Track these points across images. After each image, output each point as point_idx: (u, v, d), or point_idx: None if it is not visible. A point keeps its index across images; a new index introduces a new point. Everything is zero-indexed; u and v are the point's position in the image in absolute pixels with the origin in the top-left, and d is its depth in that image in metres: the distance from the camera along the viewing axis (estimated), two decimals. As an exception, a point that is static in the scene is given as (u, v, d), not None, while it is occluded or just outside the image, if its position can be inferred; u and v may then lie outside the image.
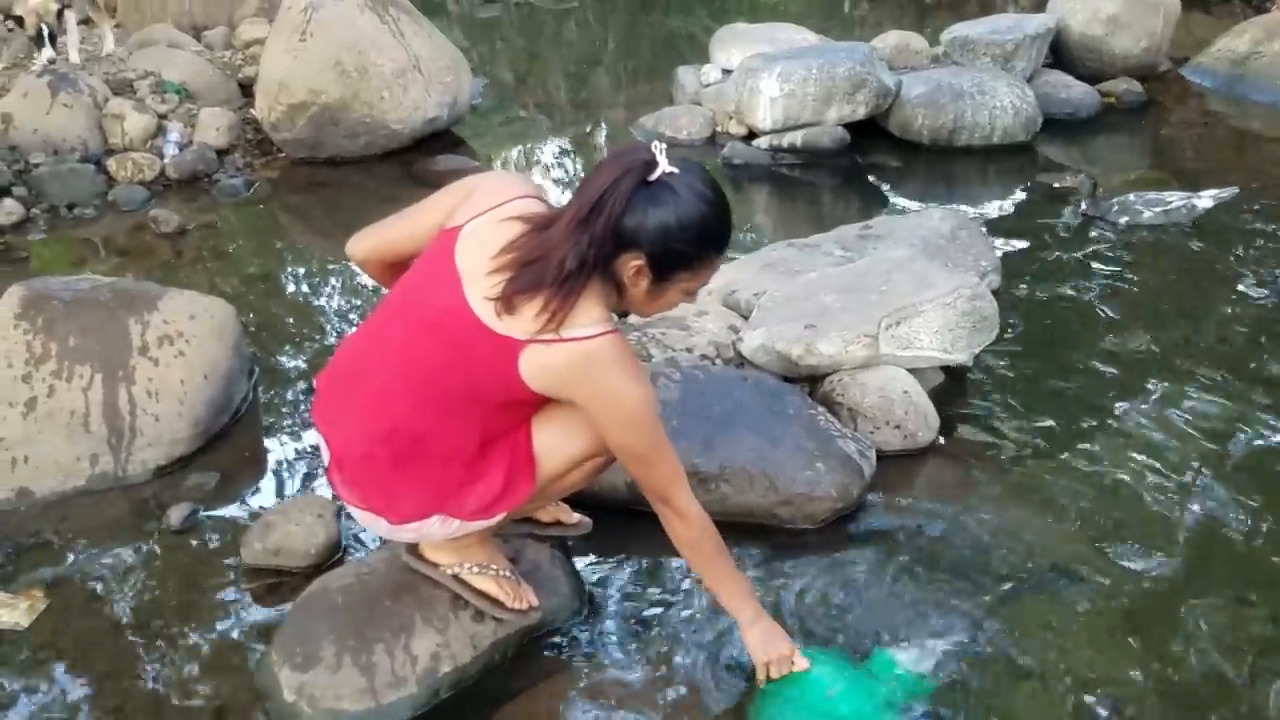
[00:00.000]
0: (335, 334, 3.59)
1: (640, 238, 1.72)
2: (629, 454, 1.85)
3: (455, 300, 1.78)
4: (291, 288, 3.98)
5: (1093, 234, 4.22)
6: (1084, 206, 4.34)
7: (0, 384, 2.72)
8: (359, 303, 3.83)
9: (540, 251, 1.73)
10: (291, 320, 3.70)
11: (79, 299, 2.87)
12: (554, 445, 1.91)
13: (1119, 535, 2.49)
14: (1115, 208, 4.29)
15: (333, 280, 4.03)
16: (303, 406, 3.11)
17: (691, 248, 1.75)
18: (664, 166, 1.72)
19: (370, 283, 3.84)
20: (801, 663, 1.98)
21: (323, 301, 3.88)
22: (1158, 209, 4.26)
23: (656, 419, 1.83)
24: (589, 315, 1.74)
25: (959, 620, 2.23)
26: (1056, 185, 4.57)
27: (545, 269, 1.72)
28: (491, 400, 1.83)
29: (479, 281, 1.76)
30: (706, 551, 1.95)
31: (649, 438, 1.82)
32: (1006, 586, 2.33)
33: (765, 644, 1.98)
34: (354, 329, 3.42)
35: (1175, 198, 4.32)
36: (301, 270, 4.14)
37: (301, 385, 3.23)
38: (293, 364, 3.38)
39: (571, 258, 1.70)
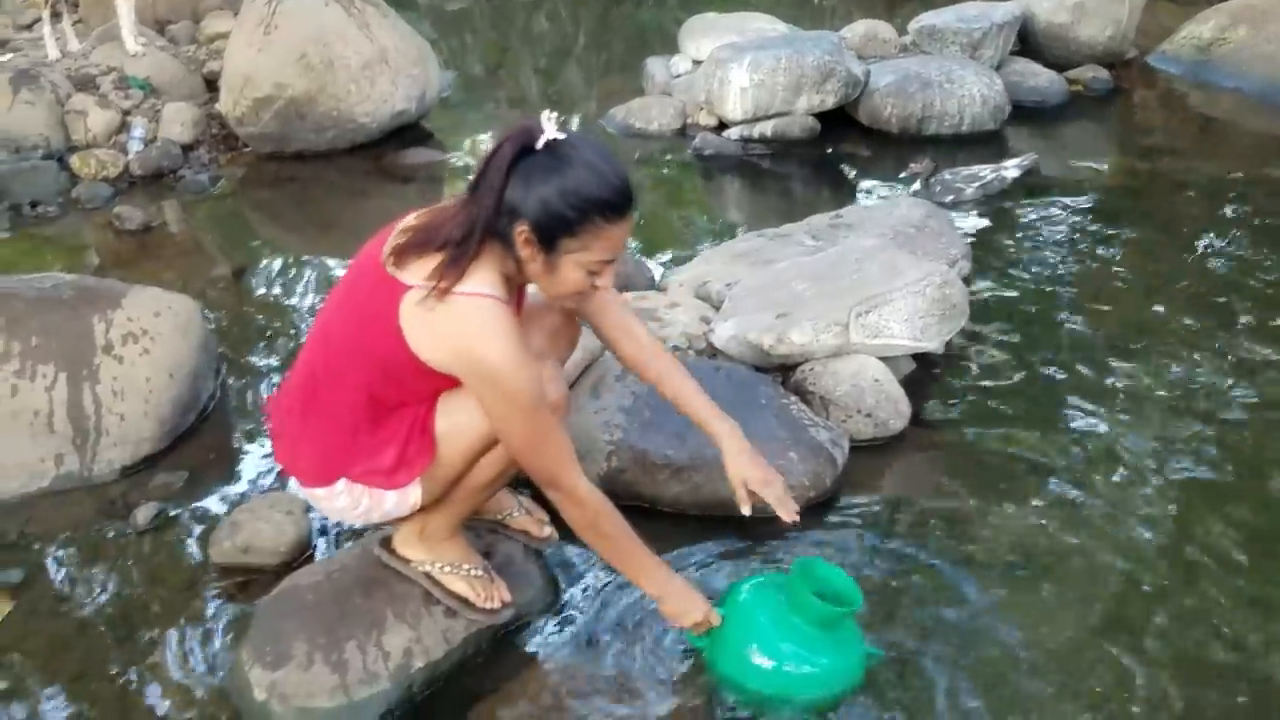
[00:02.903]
0: (303, 330, 3.56)
1: (524, 205, 1.69)
2: (512, 435, 1.80)
3: (374, 254, 1.82)
4: (259, 284, 3.94)
5: (1046, 217, 4.26)
6: (915, 187, 4.41)
7: (-39, 385, 2.68)
8: (326, 297, 3.79)
9: (439, 220, 1.77)
10: (259, 317, 3.66)
11: (42, 297, 2.83)
12: (457, 422, 1.87)
13: (1089, 521, 2.50)
14: (939, 188, 4.38)
15: (301, 276, 3.99)
16: (272, 403, 3.07)
17: (572, 212, 1.69)
18: (549, 133, 1.69)
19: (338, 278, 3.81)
20: (715, 620, 1.98)
21: (291, 298, 3.84)
22: (975, 184, 4.41)
23: (538, 398, 1.77)
24: (478, 279, 1.73)
25: (927, 605, 2.24)
26: (902, 175, 4.63)
27: (435, 237, 1.74)
28: (376, 350, 1.80)
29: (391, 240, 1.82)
30: (605, 531, 1.90)
31: (529, 417, 1.76)
32: (976, 573, 2.34)
33: (678, 617, 1.98)
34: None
35: (986, 171, 4.47)
36: (269, 266, 4.09)
37: (269, 382, 3.20)
38: (260, 361, 3.34)
39: (458, 227, 1.72)
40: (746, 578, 2.12)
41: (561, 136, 1.71)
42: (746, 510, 2.03)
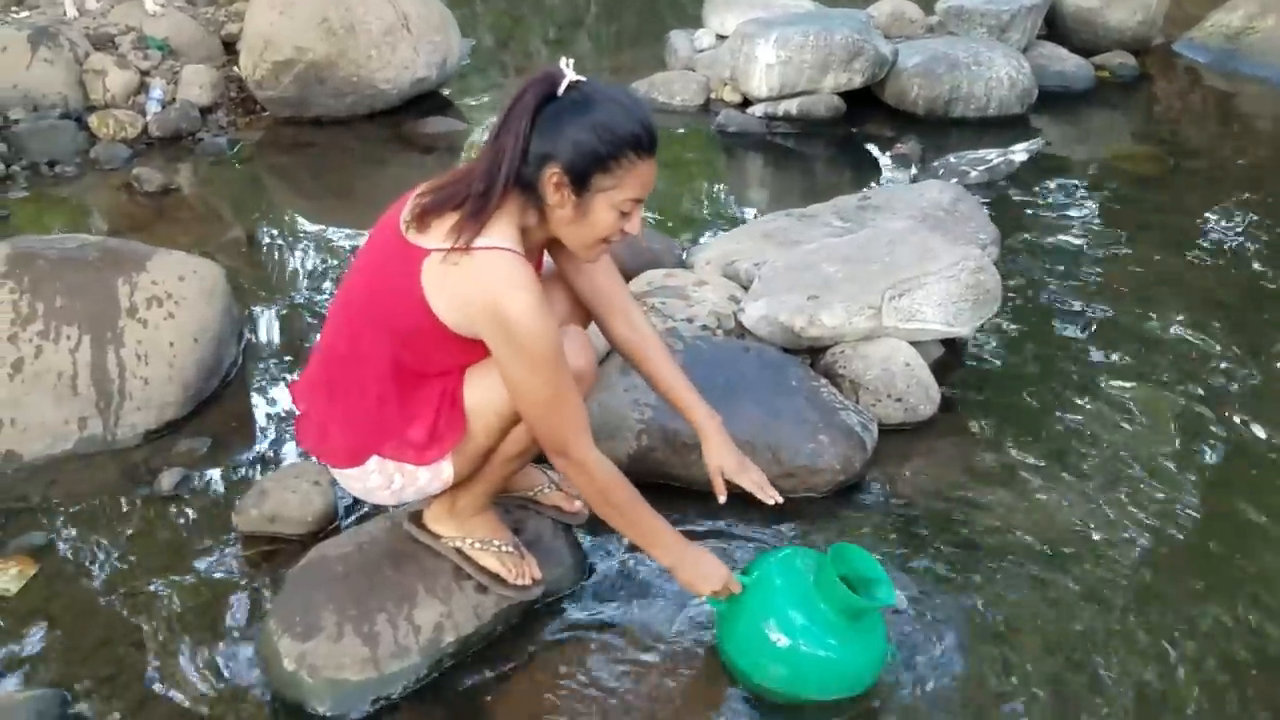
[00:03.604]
0: (321, 297, 3.53)
1: (554, 148, 1.67)
2: (526, 393, 1.75)
3: (392, 222, 1.80)
4: (278, 250, 3.91)
5: (1068, 203, 4.22)
6: (913, 170, 4.37)
7: (-15, 344, 2.65)
8: (345, 266, 3.76)
9: (456, 179, 1.75)
10: (279, 283, 3.63)
11: (66, 258, 2.80)
12: (486, 395, 1.85)
13: (1116, 509, 2.48)
14: (942, 171, 4.32)
15: (319, 243, 3.96)
16: (292, 370, 3.05)
17: (605, 147, 1.67)
18: (570, 76, 1.68)
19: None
20: (735, 588, 1.95)
21: (309, 264, 3.81)
22: (981, 168, 4.33)
23: (558, 354, 1.72)
24: (497, 233, 1.71)
25: (952, 590, 2.23)
26: (890, 154, 4.61)
27: (457, 191, 1.73)
28: (398, 318, 1.78)
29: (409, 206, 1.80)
30: (615, 501, 1.87)
31: (547, 374, 1.72)
32: (1002, 560, 2.32)
33: (695, 584, 1.94)
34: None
35: (992, 154, 4.40)
36: (288, 233, 4.06)
37: (290, 348, 3.17)
38: (281, 327, 3.32)
39: (480, 179, 1.70)
40: (775, 549, 2.08)
41: (582, 79, 1.70)
42: (722, 498, 2.05)
